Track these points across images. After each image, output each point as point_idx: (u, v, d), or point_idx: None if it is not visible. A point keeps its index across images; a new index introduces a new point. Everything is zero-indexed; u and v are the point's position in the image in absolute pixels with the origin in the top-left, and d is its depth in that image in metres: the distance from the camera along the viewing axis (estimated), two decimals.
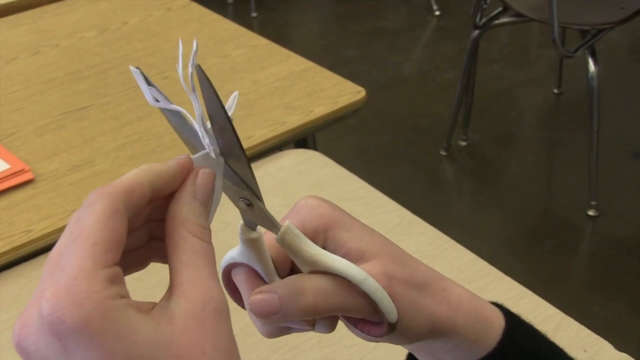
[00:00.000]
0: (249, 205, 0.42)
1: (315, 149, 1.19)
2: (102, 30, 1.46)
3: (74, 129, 1.17)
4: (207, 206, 0.39)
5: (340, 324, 0.48)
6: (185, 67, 0.39)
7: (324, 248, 0.44)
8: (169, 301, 0.35)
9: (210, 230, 0.38)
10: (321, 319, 0.46)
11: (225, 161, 0.40)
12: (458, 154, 2.54)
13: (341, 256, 0.43)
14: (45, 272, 0.34)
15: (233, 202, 0.42)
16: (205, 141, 0.39)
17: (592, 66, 2.09)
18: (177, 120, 0.41)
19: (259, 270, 0.43)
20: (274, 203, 1.00)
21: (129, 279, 0.37)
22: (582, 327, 0.82)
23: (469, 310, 0.46)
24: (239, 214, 0.43)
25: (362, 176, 1.08)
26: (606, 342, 0.80)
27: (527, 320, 0.50)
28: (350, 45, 3.21)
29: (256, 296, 0.42)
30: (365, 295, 0.42)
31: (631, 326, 1.88)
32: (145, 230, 0.40)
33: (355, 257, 0.44)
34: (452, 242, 0.95)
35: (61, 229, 0.97)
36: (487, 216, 2.27)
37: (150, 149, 1.12)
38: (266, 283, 0.44)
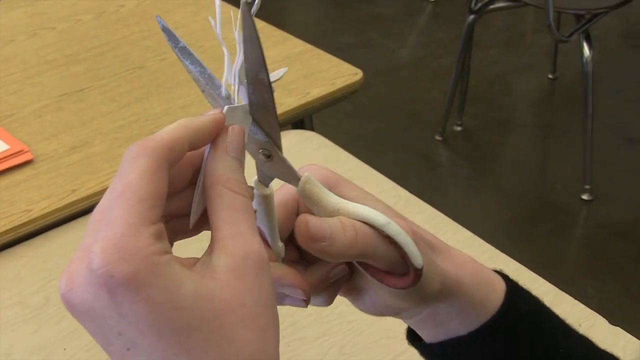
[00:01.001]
0: (269, 157, 0.42)
1: (312, 130, 1.20)
2: (99, 13, 1.46)
3: (73, 111, 1.18)
4: (241, 161, 0.39)
5: (338, 298, 0.49)
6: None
7: None
8: (211, 256, 0.36)
9: (246, 184, 0.39)
10: (323, 291, 0.46)
11: (250, 110, 0.40)
12: (453, 139, 2.55)
13: None
14: (90, 227, 0.35)
15: (251, 154, 0.42)
16: (237, 96, 0.40)
17: (586, 51, 2.10)
18: (197, 70, 0.41)
19: (264, 229, 0.44)
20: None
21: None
22: (577, 302, 0.83)
23: (472, 271, 0.47)
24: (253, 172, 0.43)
25: None
26: (600, 316, 0.81)
27: (524, 286, 0.51)
28: (346, 31, 3.21)
29: (312, 218, 0.41)
30: (390, 242, 0.43)
31: (624, 308, 1.90)
32: (190, 195, 0.40)
33: None
34: (449, 220, 0.96)
35: (61, 209, 0.98)
36: (483, 200, 2.28)
37: (149, 130, 1.13)
38: (268, 245, 0.44)
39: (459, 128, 2.57)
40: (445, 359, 0.50)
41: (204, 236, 0.41)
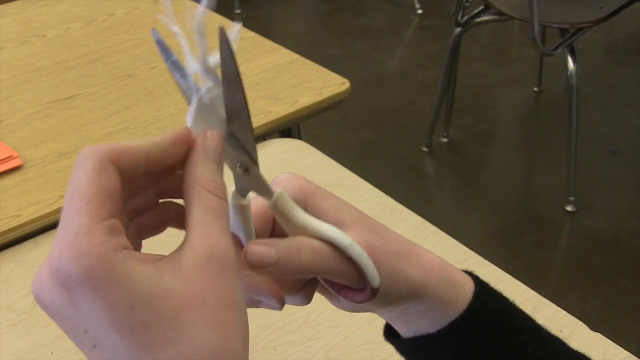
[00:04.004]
0: (245, 170, 0.44)
1: (300, 139, 1.21)
2: (89, 21, 1.47)
3: (62, 118, 1.18)
4: (220, 164, 0.41)
5: (320, 301, 0.50)
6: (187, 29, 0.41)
7: None
8: (179, 254, 0.37)
9: (225, 186, 0.40)
10: (299, 291, 0.48)
11: (228, 125, 0.42)
12: (439, 150, 2.58)
13: None
14: (57, 230, 0.36)
15: (229, 166, 0.44)
16: (200, 87, 0.41)
17: (571, 64, 2.13)
18: (185, 84, 0.42)
19: (242, 237, 0.45)
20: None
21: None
22: (559, 308, 0.84)
23: (440, 273, 0.49)
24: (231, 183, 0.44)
25: None
26: (581, 322, 0.83)
27: (495, 287, 0.52)
28: (334, 43, 3.23)
29: (253, 246, 0.43)
30: (350, 261, 0.45)
31: (606, 318, 1.92)
32: (153, 193, 0.42)
33: (335, 225, 0.46)
34: (434, 228, 0.97)
35: (49, 214, 0.99)
36: (468, 211, 2.30)
37: (138, 137, 1.13)
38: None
39: (445, 139, 2.59)
40: (417, 355, 0.51)
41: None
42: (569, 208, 2.25)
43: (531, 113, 2.85)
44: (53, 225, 0.98)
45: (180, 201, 0.42)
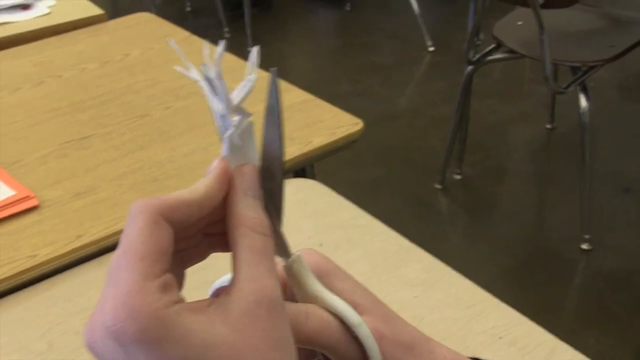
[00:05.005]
0: None
1: (314, 178, 1.21)
2: (104, 62, 1.49)
3: (77, 158, 1.19)
4: (259, 198, 0.41)
5: None
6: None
7: None
8: (227, 298, 0.38)
9: (266, 221, 0.40)
10: None
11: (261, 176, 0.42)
12: (453, 187, 2.57)
13: None
14: (106, 280, 0.37)
15: None
16: (229, 124, 0.41)
17: (583, 102, 2.13)
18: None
19: None
20: None
21: None
22: (577, 352, 0.83)
23: None
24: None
25: None
26: None
27: None
28: (345, 80, 3.26)
29: None
30: (356, 342, 0.44)
31: (620, 358, 1.89)
32: (199, 232, 0.42)
33: None
34: (449, 269, 0.97)
35: (65, 254, 0.99)
36: (480, 248, 2.29)
37: (152, 177, 1.14)
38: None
39: (458, 176, 2.59)
40: None
41: None
42: (584, 246, 2.23)
43: (543, 149, 2.85)
44: (69, 266, 0.98)
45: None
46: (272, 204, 0.43)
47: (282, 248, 0.44)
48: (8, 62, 1.50)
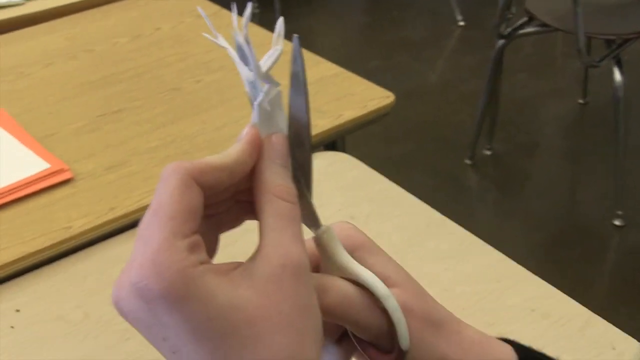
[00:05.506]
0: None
1: (344, 152, 1.21)
2: (136, 36, 1.49)
3: (109, 131, 1.20)
4: (287, 167, 0.41)
5: None
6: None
7: None
8: (252, 263, 0.38)
9: (294, 189, 0.41)
10: (338, 344, 0.47)
11: (290, 146, 0.42)
12: (483, 163, 2.56)
13: None
14: (135, 241, 0.37)
15: None
16: (259, 90, 0.41)
17: (618, 76, 2.10)
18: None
19: None
20: None
21: None
22: (610, 325, 0.83)
23: (480, 352, 0.46)
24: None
25: None
26: (634, 340, 0.81)
27: (538, 350, 0.49)
28: (374, 55, 3.23)
29: None
30: (383, 315, 0.43)
31: None
32: (230, 197, 0.42)
33: None
34: (482, 242, 0.96)
35: (99, 227, 1.00)
36: (511, 224, 2.28)
37: (184, 151, 1.15)
38: None
39: (488, 152, 2.57)
40: None
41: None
42: (617, 222, 2.21)
43: (575, 125, 2.81)
44: (102, 238, 1.00)
45: None
46: (302, 174, 0.43)
47: (312, 219, 0.44)
48: (41, 36, 1.51)
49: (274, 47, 0.41)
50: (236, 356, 0.36)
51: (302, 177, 0.43)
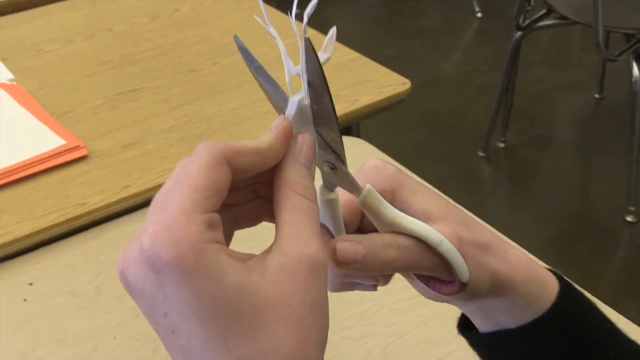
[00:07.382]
0: (333, 169, 0.43)
1: (359, 137, 1.21)
2: (155, 16, 1.50)
3: (126, 110, 1.21)
4: (310, 168, 0.40)
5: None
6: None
7: None
8: (268, 254, 0.37)
9: (314, 190, 0.40)
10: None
11: (315, 126, 0.42)
12: (496, 155, 2.55)
13: None
14: (150, 209, 0.37)
15: (317, 164, 0.44)
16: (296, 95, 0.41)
17: (636, 71, 2.08)
18: (271, 89, 0.43)
19: (331, 228, 0.46)
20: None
21: None
22: (620, 316, 0.83)
23: (526, 270, 0.48)
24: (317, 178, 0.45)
25: None
26: None
27: (579, 288, 0.51)
28: (391, 44, 3.23)
29: (342, 243, 0.43)
30: (439, 256, 0.45)
31: None
32: (251, 189, 0.42)
33: (422, 218, 0.45)
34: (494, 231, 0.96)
35: (114, 203, 1.01)
36: (523, 218, 2.27)
37: (200, 131, 1.15)
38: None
39: (502, 144, 2.57)
40: (491, 350, 0.51)
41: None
42: (629, 218, 2.20)
43: (591, 119, 2.80)
44: (116, 215, 1.00)
45: None
46: (332, 151, 0.43)
47: (351, 186, 0.44)
48: (62, 13, 1.51)
49: (323, 51, 0.42)
50: (236, 343, 0.34)
51: (333, 153, 0.43)
